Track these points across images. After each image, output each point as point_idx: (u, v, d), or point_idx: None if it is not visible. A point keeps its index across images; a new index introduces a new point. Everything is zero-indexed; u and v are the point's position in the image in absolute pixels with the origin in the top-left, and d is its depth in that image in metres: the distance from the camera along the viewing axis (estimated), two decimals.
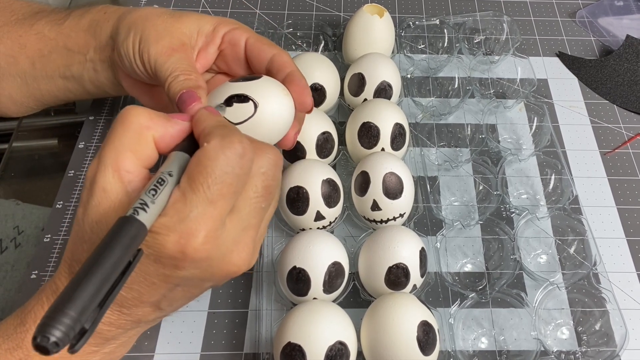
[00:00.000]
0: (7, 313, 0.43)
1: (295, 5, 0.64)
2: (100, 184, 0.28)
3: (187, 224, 0.27)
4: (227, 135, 0.28)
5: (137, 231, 0.25)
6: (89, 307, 0.22)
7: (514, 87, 0.56)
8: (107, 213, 0.28)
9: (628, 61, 0.59)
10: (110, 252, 0.23)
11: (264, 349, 0.40)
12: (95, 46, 0.42)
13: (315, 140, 0.44)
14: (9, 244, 0.48)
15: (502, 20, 0.60)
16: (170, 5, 0.63)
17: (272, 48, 0.39)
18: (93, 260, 0.23)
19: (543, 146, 0.50)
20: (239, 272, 0.31)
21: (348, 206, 0.46)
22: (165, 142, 0.30)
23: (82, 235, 0.28)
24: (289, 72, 0.38)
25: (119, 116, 0.29)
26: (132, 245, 0.24)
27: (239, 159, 0.28)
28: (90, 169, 0.29)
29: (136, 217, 0.25)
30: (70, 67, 0.43)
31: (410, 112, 0.53)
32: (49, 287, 0.29)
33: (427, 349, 0.36)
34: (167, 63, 0.36)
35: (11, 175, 0.52)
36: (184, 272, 0.28)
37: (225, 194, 0.28)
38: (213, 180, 0.27)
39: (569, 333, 0.42)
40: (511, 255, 0.43)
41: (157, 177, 0.27)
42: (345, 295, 0.41)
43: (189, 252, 0.27)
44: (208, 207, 0.27)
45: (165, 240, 0.27)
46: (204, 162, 0.27)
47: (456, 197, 0.49)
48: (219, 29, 0.40)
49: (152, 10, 0.40)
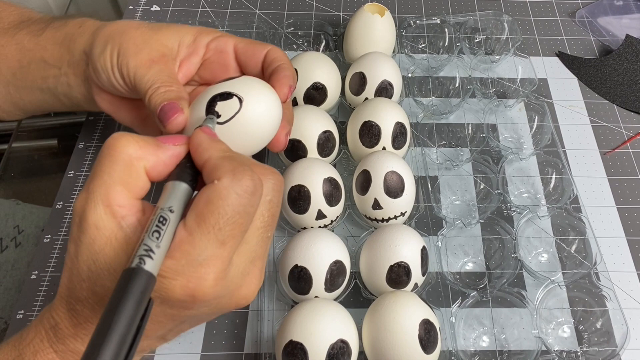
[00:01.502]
0: (7, 312, 0.43)
1: (295, 5, 0.64)
2: (91, 221, 0.26)
3: (196, 268, 0.26)
4: (238, 172, 0.27)
5: (147, 283, 0.24)
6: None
7: (514, 86, 0.56)
8: (104, 251, 0.26)
9: (628, 61, 0.59)
10: (125, 310, 0.22)
11: (265, 349, 0.40)
12: (69, 60, 0.40)
13: (317, 139, 0.44)
14: (9, 243, 0.48)
15: (503, 19, 0.60)
16: (170, 5, 0.63)
17: (264, 46, 0.39)
18: (109, 320, 0.22)
19: (544, 145, 0.50)
20: (248, 303, 0.30)
21: (349, 205, 0.46)
22: (158, 171, 0.29)
23: (78, 273, 0.27)
24: (279, 64, 0.37)
25: (106, 147, 0.28)
26: (144, 299, 0.23)
27: (250, 197, 0.27)
28: (78, 202, 0.27)
29: (144, 267, 0.24)
30: (46, 79, 0.42)
31: (411, 111, 0.53)
32: (47, 320, 0.28)
33: (429, 347, 0.36)
34: (147, 75, 0.35)
35: (11, 176, 0.52)
36: (192, 312, 0.27)
37: (236, 235, 0.27)
38: (225, 222, 0.26)
39: (570, 332, 0.42)
40: (512, 254, 0.43)
41: (158, 216, 0.26)
42: (347, 294, 0.41)
43: (198, 296, 0.26)
44: (218, 250, 0.26)
45: (173, 285, 0.26)
46: (216, 202, 0.26)
47: (457, 196, 0.49)
48: (200, 38, 0.39)
49: (129, 23, 0.39)
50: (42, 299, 0.42)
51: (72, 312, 0.27)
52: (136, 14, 0.62)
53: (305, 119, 0.45)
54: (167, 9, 0.63)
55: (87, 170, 0.49)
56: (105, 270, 0.26)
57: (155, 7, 0.63)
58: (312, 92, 0.48)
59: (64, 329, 0.27)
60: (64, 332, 0.27)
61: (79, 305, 0.27)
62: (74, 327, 0.27)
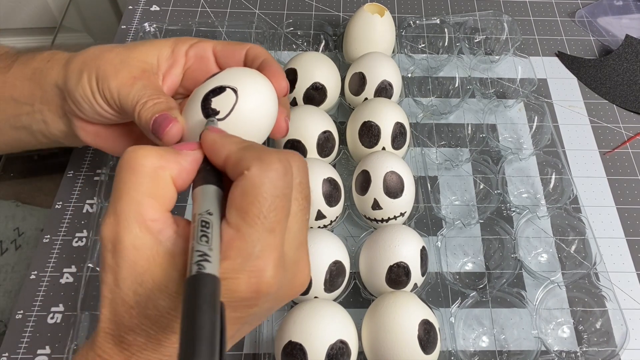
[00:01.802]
0: (7, 315, 0.43)
1: (294, 5, 0.64)
2: (128, 243, 0.25)
3: (254, 262, 0.25)
4: (264, 157, 0.26)
5: (214, 286, 0.23)
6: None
7: (514, 86, 0.56)
8: (150, 271, 0.25)
9: (627, 61, 0.59)
10: (204, 317, 0.21)
11: (264, 349, 0.40)
12: (41, 97, 0.39)
13: (316, 139, 0.44)
14: (9, 245, 0.48)
15: (502, 19, 0.60)
16: (170, 5, 0.63)
17: (243, 45, 0.38)
18: (191, 331, 0.21)
19: (543, 145, 0.50)
20: (304, 289, 0.30)
21: (349, 205, 0.46)
22: (182, 179, 0.27)
23: (124, 302, 0.25)
24: (262, 60, 0.36)
25: (125, 161, 0.26)
26: (217, 302, 0.22)
27: (284, 178, 0.26)
28: (106, 228, 0.25)
29: (205, 271, 0.23)
30: (19, 117, 0.40)
31: (410, 111, 0.53)
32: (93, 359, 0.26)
33: (428, 347, 0.36)
34: (132, 93, 0.34)
35: (10, 176, 0.52)
36: (256, 309, 0.26)
37: (282, 219, 0.26)
38: (268, 209, 0.25)
39: (570, 332, 0.42)
40: (512, 254, 0.43)
41: (199, 221, 0.25)
42: (346, 294, 0.41)
43: (262, 289, 0.25)
44: (269, 238, 0.25)
45: (237, 285, 0.25)
46: (252, 192, 0.25)
47: (457, 196, 0.49)
48: (178, 48, 0.38)
49: (101, 47, 0.37)
50: (42, 299, 0.42)
51: (123, 345, 0.25)
52: (136, 14, 0.62)
53: (305, 119, 0.45)
54: (167, 9, 0.63)
55: (87, 170, 0.49)
56: (156, 290, 0.25)
57: (155, 7, 0.63)
58: (312, 92, 0.48)
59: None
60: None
61: (130, 335, 0.25)
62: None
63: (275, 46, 0.58)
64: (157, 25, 0.59)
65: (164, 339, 0.25)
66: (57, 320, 0.41)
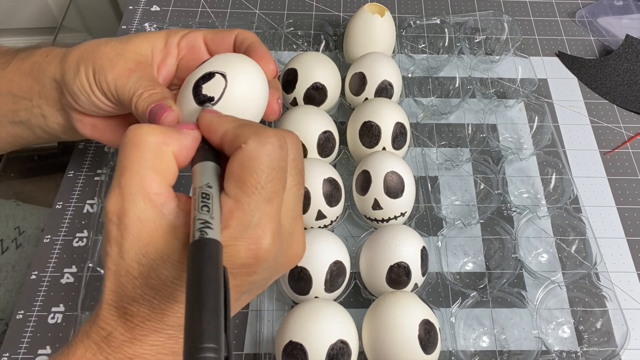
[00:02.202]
0: (7, 314, 0.43)
1: (295, 5, 0.64)
2: (133, 216, 0.26)
3: (254, 229, 0.26)
4: (260, 132, 0.27)
5: (217, 249, 0.24)
6: (221, 334, 0.21)
7: (514, 86, 0.56)
8: (153, 242, 0.26)
9: (628, 61, 0.59)
10: (208, 276, 0.22)
11: (265, 349, 0.40)
12: (40, 91, 0.39)
13: (317, 140, 0.44)
14: (10, 244, 0.48)
15: (503, 19, 0.60)
16: (170, 5, 0.63)
17: (232, 31, 0.38)
18: (198, 289, 0.22)
19: (544, 145, 0.50)
20: (298, 261, 0.31)
21: (349, 205, 0.46)
22: (184, 155, 0.28)
23: (128, 272, 0.26)
24: (249, 43, 0.37)
25: (128, 139, 0.27)
26: (219, 263, 0.23)
27: (280, 151, 0.27)
28: (110, 201, 0.26)
29: (207, 237, 0.24)
30: (17, 112, 0.41)
31: (411, 111, 0.53)
32: (96, 333, 0.26)
33: (429, 347, 0.36)
34: (128, 84, 0.35)
35: (11, 176, 0.52)
36: (254, 277, 0.27)
37: (279, 190, 0.27)
38: (265, 179, 0.26)
39: (570, 332, 0.42)
40: (512, 254, 0.43)
41: (200, 194, 0.26)
42: (347, 294, 0.41)
43: (261, 256, 0.26)
44: (267, 207, 0.27)
45: (237, 251, 0.26)
46: (250, 164, 0.26)
47: (457, 196, 0.49)
48: (170, 40, 0.39)
49: (97, 41, 0.38)
50: (42, 299, 0.42)
51: (126, 316, 0.26)
52: (136, 14, 0.62)
53: (305, 119, 0.45)
54: (167, 9, 0.63)
55: (87, 170, 0.49)
56: (159, 260, 0.26)
57: (155, 7, 0.63)
58: (312, 92, 0.48)
59: (119, 336, 0.26)
60: (119, 339, 0.26)
61: (134, 306, 0.26)
62: (130, 332, 0.26)
63: (276, 46, 0.58)
64: (157, 25, 0.59)
65: (167, 308, 0.26)
66: (57, 320, 0.41)
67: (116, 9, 0.74)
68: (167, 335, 0.26)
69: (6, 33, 0.98)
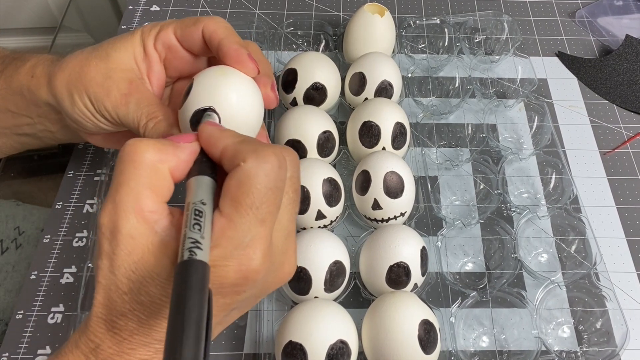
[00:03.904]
0: (7, 314, 0.43)
1: (294, 5, 0.64)
2: (125, 232, 0.26)
3: (244, 250, 0.26)
4: (260, 150, 0.27)
5: (204, 272, 0.23)
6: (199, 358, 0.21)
7: (514, 86, 0.56)
8: (143, 259, 0.26)
9: (627, 61, 0.59)
10: (192, 300, 0.22)
11: (265, 349, 0.40)
12: (37, 112, 0.39)
13: (316, 139, 0.44)
14: (10, 244, 0.48)
15: (502, 19, 0.60)
16: (170, 5, 0.63)
17: (198, 24, 0.36)
18: (181, 312, 0.22)
19: (543, 145, 0.50)
20: (289, 279, 0.31)
21: (349, 205, 0.46)
22: (180, 170, 0.28)
23: (117, 287, 0.26)
24: (218, 41, 0.35)
25: (125, 154, 0.27)
26: (205, 287, 0.23)
27: (278, 171, 0.27)
28: (104, 215, 0.26)
29: (196, 258, 0.24)
30: (20, 127, 0.41)
31: (411, 111, 0.53)
32: (85, 344, 0.27)
33: (428, 347, 0.36)
34: (129, 114, 0.35)
35: (11, 176, 0.52)
36: (243, 296, 0.28)
37: (273, 211, 0.27)
38: (261, 200, 0.26)
39: (570, 332, 0.42)
40: (512, 254, 0.43)
41: (193, 210, 0.26)
42: (347, 294, 0.41)
43: (250, 276, 0.26)
44: (260, 228, 0.26)
45: (226, 272, 0.26)
46: (247, 183, 0.26)
47: (457, 196, 0.49)
48: (147, 44, 0.37)
49: (79, 62, 0.36)
50: (42, 299, 0.42)
51: (115, 330, 0.26)
52: (136, 14, 0.62)
53: (305, 119, 0.45)
54: (167, 9, 0.63)
55: (87, 170, 0.49)
56: (148, 277, 0.26)
57: (155, 7, 0.63)
58: (312, 92, 0.48)
59: (107, 348, 0.26)
60: (107, 352, 0.26)
61: (122, 320, 0.26)
62: (118, 345, 0.26)
63: (276, 46, 0.58)
64: None
65: (155, 324, 0.26)
66: (57, 321, 0.41)
67: (116, 9, 0.74)
68: (154, 350, 0.26)
69: (6, 33, 0.98)
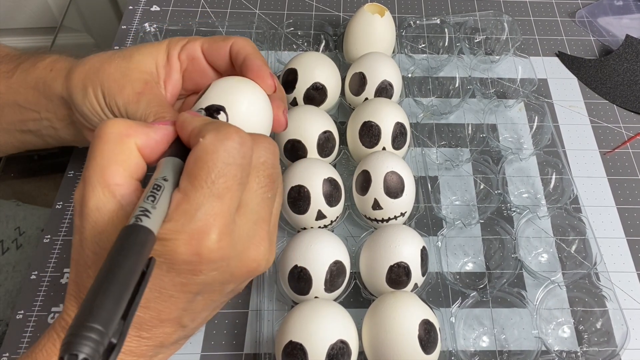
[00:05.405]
0: (8, 314, 0.43)
1: (295, 5, 0.64)
2: (91, 205, 0.26)
3: (196, 224, 0.25)
4: (222, 128, 0.27)
5: (145, 237, 0.23)
6: (114, 319, 0.20)
7: (514, 86, 0.56)
8: (106, 231, 0.26)
9: (628, 61, 0.59)
10: (123, 260, 0.22)
11: (265, 349, 0.40)
12: (47, 105, 0.39)
13: (317, 140, 0.44)
14: (10, 244, 0.48)
15: (503, 19, 0.60)
16: (170, 5, 0.63)
17: (227, 41, 0.38)
18: (107, 270, 0.22)
19: (544, 145, 0.50)
20: (260, 269, 0.30)
21: (349, 205, 0.46)
22: (151, 149, 0.28)
23: (84, 262, 0.26)
24: (244, 56, 0.36)
25: (96, 132, 0.28)
26: (142, 252, 0.23)
27: (239, 148, 0.27)
28: (77, 193, 0.27)
29: (140, 223, 0.24)
30: (25, 122, 0.41)
31: (411, 111, 0.53)
32: (58, 323, 0.27)
33: (429, 347, 0.36)
34: (139, 111, 0.35)
35: (11, 176, 0.52)
36: (202, 277, 0.27)
37: (231, 187, 0.26)
38: (217, 174, 0.26)
39: (570, 332, 0.42)
40: (512, 254, 0.43)
41: (152, 184, 0.26)
42: (347, 294, 0.41)
43: (204, 253, 0.26)
44: (215, 203, 0.26)
45: (176, 245, 0.25)
46: (204, 158, 0.26)
47: (457, 196, 0.49)
48: (172, 53, 0.38)
49: (100, 59, 0.37)
50: (42, 299, 0.42)
51: None
52: (136, 14, 0.62)
53: (305, 119, 0.45)
54: (167, 9, 0.63)
55: None
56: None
57: (155, 7, 0.63)
58: (312, 92, 0.48)
59: None
60: None
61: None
62: None
63: (276, 46, 0.58)
64: (157, 25, 0.59)
65: None
66: None
67: (116, 9, 0.74)
68: None
69: (6, 33, 0.98)
